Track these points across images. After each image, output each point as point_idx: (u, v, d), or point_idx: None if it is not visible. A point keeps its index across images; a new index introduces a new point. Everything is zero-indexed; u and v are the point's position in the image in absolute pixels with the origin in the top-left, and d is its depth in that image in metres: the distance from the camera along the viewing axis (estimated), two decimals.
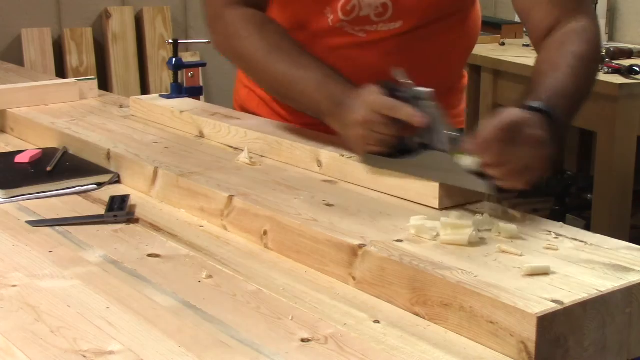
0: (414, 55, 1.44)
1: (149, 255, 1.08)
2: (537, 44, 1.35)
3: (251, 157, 1.35)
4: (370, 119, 1.16)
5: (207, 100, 2.82)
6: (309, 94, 1.30)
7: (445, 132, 1.11)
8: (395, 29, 1.41)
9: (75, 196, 1.33)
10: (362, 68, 1.39)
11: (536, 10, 1.33)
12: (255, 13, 1.43)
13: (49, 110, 1.74)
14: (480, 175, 1.07)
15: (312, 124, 1.44)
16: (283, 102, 1.46)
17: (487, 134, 1.03)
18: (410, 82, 1.15)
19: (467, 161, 1.07)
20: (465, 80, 1.64)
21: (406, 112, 1.13)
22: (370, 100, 1.17)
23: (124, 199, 1.26)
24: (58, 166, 1.41)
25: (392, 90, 1.16)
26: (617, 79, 2.61)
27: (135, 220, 1.21)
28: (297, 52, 1.36)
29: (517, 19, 3.88)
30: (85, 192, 1.34)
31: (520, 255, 0.94)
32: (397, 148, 1.17)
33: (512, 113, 1.05)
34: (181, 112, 1.57)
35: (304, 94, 1.32)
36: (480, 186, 1.08)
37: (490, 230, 1.02)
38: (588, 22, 1.31)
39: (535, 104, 1.11)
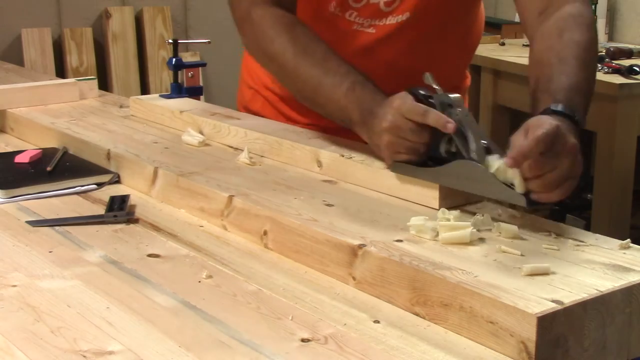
0: (422, 52, 1.45)
1: (149, 255, 1.08)
2: (530, 26, 1.32)
3: (251, 157, 1.35)
4: (398, 125, 1.13)
5: (207, 100, 2.83)
6: (337, 100, 1.27)
7: (475, 141, 1.08)
8: (403, 21, 1.41)
9: (75, 196, 1.33)
10: (377, 65, 1.40)
11: None
12: (283, 14, 1.38)
13: (49, 110, 1.74)
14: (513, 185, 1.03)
15: (317, 125, 1.44)
16: (310, 107, 1.40)
17: (526, 146, 0.99)
18: (440, 87, 1.13)
19: (500, 171, 1.04)
20: (468, 81, 1.65)
21: (435, 118, 1.10)
22: (399, 106, 1.14)
23: (124, 199, 1.26)
24: (58, 166, 1.41)
25: (422, 96, 1.13)
26: (617, 79, 2.62)
27: (135, 220, 1.21)
28: (326, 56, 1.32)
29: (517, 19, 3.88)
30: (85, 192, 1.34)
31: (520, 255, 0.94)
32: (427, 156, 1.14)
33: (546, 123, 1.01)
34: (181, 112, 1.57)
35: (331, 100, 1.29)
36: (516, 199, 1.03)
37: (490, 230, 1.02)
38: (582, 6, 1.28)
39: (557, 107, 1.09)
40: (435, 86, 1.14)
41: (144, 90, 3.38)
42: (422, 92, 1.14)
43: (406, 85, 1.17)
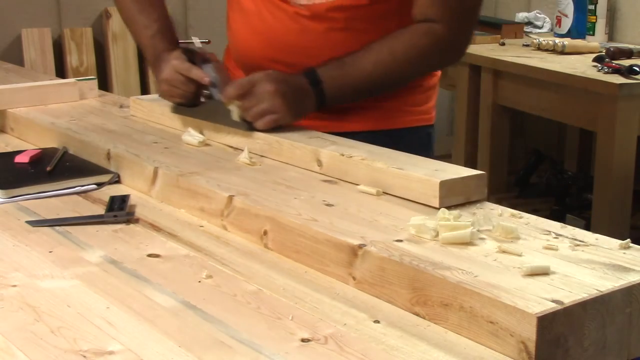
0: (357, 33, 1.50)
1: (149, 255, 1.08)
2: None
3: (251, 157, 1.35)
4: (172, 77, 1.50)
5: None
6: (143, 41, 1.64)
7: (224, 86, 1.44)
8: (332, 1, 1.48)
9: (75, 196, 1.33)
10: (312, 42, 1.51)
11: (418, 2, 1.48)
12: None
13: (49, 110, 1.74)
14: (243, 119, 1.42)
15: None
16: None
17: (229, 88, 1.41)
18: (202, 48, 1.51)
19: (234, 109, 1.41)
20: (436, 78, 1.64)
21: (196, 73, 1.47)
22: (172, 63, 1.50)
23: (124, 199, 1.26)
24: (58, 166, 1.41)
25: (190, 54, 1.50)
26: (617, 79, 2.61)
27: (135, 220, 1.21)
28: (150, 1, 1.65)
29: (517, 19, 3.88)
30: (85, 192, 1.34)
31: (520, 255, 0.94)
32: (194, 99, 1.51)
33: (253, 75, 1.42)
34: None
35: (139, 36, 1.65)
36: (240, 125, 1.41)
37: (490, 230, 1.02)
38: (439, 30, 1.45)
39: (306, 70, 1.44)
40: (198, 47, 1.51)
41: (144, 90, 3.38)
42: (190, 50, 1.51)
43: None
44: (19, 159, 1.45)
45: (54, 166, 1.41)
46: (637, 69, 2.64)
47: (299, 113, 1.43)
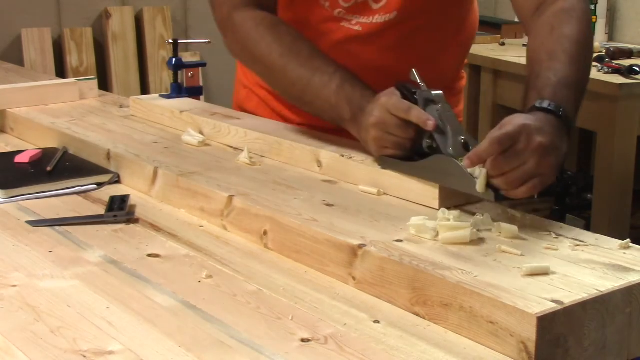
0: (410, 50, 1.44)
1: (149, 255, 1.08)
2: (526, 24, 1.34)
3: (251, 157, 1.35)
4: (384, 121, 1.17)
5: (207, 100, 2.82)
6: (327, 99, 1.29)
7: (454, 137, 1.12)
8: (390, 20, 1.41)
9: (75, 196, 1.33)
10: (361, 64, 1.39)
11: None
12: (265, 15, 1.41)
13: (49, 110, 1.74)
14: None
15: (311, 124, 1.44)
16: (298, 106, 1.44)
17: (482, 148, 1.03)
18: (424, 84, 1.16)
19: (480, 173, 1.06)
20: (464, 82, 1.64)
21: (417, 115, 1.13)
22: (385, 102, 1.18)
23: (124, 199, 1.26)
24: (58, 166, 1.41)
25: (408, 92, 1.16)
26: (617, 79, 2.61)
27: (135, 220, 1.21)
28: (312, 55, 1.34)
29: (517, 19, 3.88)
30: (85, 192, 1.34)
31: (520, 255, 0.94)
32: (412, 151, 1.17)
33: (511, 123, 1.04)
34: (181, 112, 1.57)
35: (321, 98, 1.31)
36: (485, 194, 1.06)
37: (490, 230, 1.02)
38: (576, 0, 1.29)
39: (541, 103, 1.10)
40: (419, 82, 1.17)
41: (144, 90, 3.38)
42: (408, 88, 1.17)
43: (391, 84, 1.21)
44: (19, 159, 1.45)
45: (54, 166, 1.41)
46: (637, 69, 2.64)
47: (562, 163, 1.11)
